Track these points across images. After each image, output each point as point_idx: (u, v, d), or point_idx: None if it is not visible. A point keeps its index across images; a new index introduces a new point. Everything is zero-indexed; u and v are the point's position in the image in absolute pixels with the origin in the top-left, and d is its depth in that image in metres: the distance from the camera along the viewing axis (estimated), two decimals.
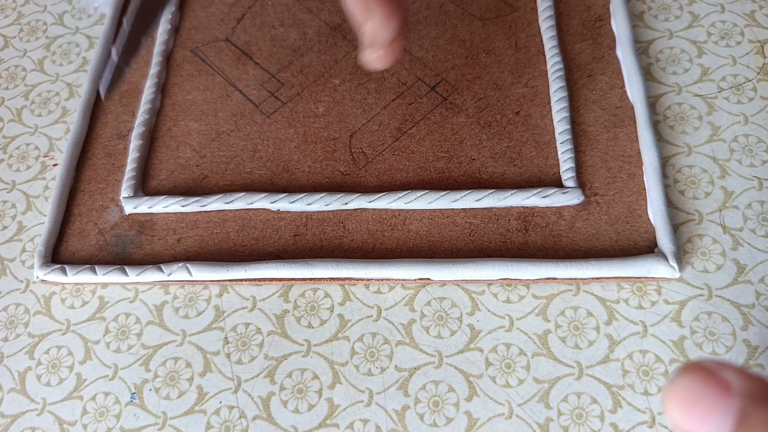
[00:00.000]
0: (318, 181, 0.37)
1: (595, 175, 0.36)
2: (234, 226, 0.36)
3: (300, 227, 0.36)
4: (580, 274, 0.32)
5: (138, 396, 0.33)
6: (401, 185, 0.37)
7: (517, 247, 0.34)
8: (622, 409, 0.30)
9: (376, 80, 0.40)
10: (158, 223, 0.37)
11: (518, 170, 0.36)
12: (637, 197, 0.35)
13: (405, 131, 0.38)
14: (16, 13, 0.48)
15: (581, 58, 0.40)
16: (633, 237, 0.34)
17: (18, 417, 0.33)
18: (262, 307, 0.35)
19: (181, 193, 0.38)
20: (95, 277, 0.35)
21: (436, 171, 0.37)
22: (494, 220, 0.35)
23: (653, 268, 0.32)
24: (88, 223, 0.37)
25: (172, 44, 0.43)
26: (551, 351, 0.32)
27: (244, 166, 0.38)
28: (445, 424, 0.31)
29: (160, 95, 0.41)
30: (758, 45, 0.39)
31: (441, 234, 0.35)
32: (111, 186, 0.39)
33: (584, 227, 0.34)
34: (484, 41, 0.41)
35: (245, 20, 0.44)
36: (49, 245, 0.36)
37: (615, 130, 0.37)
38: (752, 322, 0.32)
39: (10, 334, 0.35)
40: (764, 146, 0.36)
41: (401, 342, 0.33)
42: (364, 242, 0.35)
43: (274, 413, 0.32)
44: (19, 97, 0.44)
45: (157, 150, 0.39)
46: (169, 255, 0.36)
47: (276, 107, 0.40)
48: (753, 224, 0.34)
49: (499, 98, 0.39)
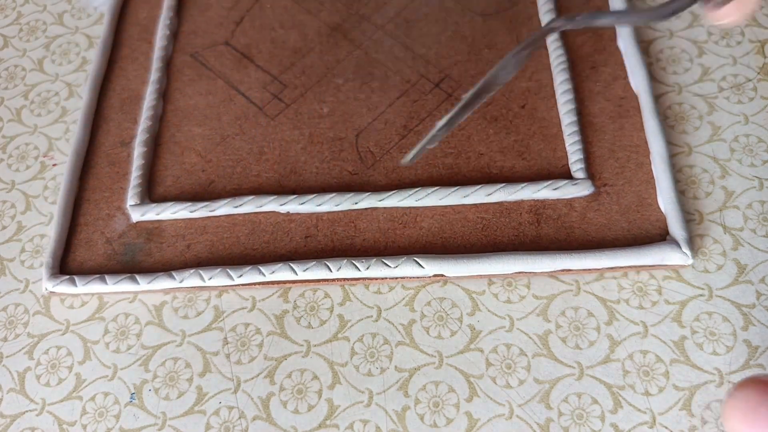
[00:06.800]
0: (326, 181, 0.37)
1: (603, 165, 0.36)
2: (244, 230, 0.36)
3: (311, 228, 0.36)
4: (595, 265, 0.32)
5: (137, 396, 0.33)
6: (410, 183, 0.37)
7: (530, 240, 0.34)
8: (623, 409, 0.30)
9: (380, 79, 0.40)
10: (166, 230, 0.36)
11: (527, 163, 0.36)
12: (647, 186, 0.35)
13: (411, 129, 0.38)
14: (15, 13, 0.48)
15: (583, 51, 0.40)
16: (644, 226, 0.34)
17: (17, 417, 0.33)
18: (262, 308, 0.34)
19: (189, 198, 0.37)
20: (105, 286, 0.34)
21: (444, 167, 0.37)
22: (506, 214, 0.35)
23: (666, 255, 0.32)
24: (95, 233, 0.37)
25: (171, 49, 0.43)
26: (552, 351, 0.32)
27: (251, 170, 0.38)
28: (446, 425, 0.31)
29: (161, 101, 0.41)
30: (758, 45, 0.39)
31: (453, 230, 0.35)
32: (116, 194, 0.38)
33: (596, 218, 0.34)
34: (486, 37, 0.41)
35: (244, 23, 0.44)
36: (56, 256, 0.36)
37: (621, 120, 0.37)
38: (753, 323, 0.32)
39: (10, 334, 0.35)
40: (765, 146, 0.36)
41: (401, 342, 0.33)
42: (376, 241, 0.35)
43: (273, 414, 0.32)
44: (19, 96, 0.44)
45: (161, 156, 0.39)
46: (180, 262, 0.35)
47: (280, 109, 0.40)
48: (753, 224, 0.34)
49: (503, 92, 0.39)
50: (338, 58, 0.42)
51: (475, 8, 0.42)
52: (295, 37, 0.43)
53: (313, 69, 0.41)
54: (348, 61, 0.41)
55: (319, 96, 0.40)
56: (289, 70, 0.42)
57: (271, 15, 0.44)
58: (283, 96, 0.41)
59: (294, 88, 0.41)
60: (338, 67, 0.41)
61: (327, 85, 0.41)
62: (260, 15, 0.44)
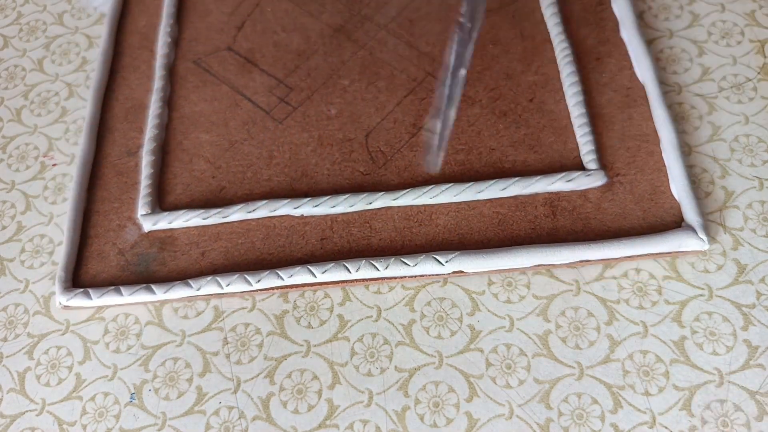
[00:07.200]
0: (338, 183, 0.37)
1: (615, 155, 0.36)
2: (258, 234, 0.36)
3: (326, 230, 0.35)
4: (613, 254, 0.33)
5: (137, 396, 0.33)
6: (423, 181, 0.36)
7: (547, 232, 0.34)
8: (623, 409, 0.30)
9: (386, 78, 0.40)
10: (179, 239, 0.36)
11: (539, 156, 0.36)
12: (659, 174, 0.35)
13: (421, 126, 0.38)
14: (15, 13, 0.47)
15: (587, 43, 0.40)
16: (659, 213, 0.34)
17: (17, 417, 0.33)
18: (262, 308, 0.34)
19: (200, 206, 0.37)
20: (121, 298, 0.34)
21: (457, 164, 0.37)
22: (521, 207, 0.35)
23: (683, 241, 0.32)
24: (106, 244, 0.36)
25: (173, 57, 0.43)
26: (552, 351, 0.32)
27: (262, 174, 0.38)
28: (446, 425, 0.31)
29: (167, 109, 0.41)
30: (758, 44, 0.39)
31: (470, 226, 0.35)
32: (126, 205, 0.38)
33: (610, 207, 0.34)
34: (489, 32, 0.41)
35: (246, 28, 0.44)
36: (68, 269, 0.35)
37: (629, 110, 0.37)
38: (753, 322, 0.32)
39: (10, 334, 0.35)
40: (765, 146, 0.36)
41: (401, 342, 0.33)
42: (392, 240, 0.35)
43: (273, 414, 0.32)
44: (19, 96, 0.43)
45: (170, 164, 0.39)
46: (195, 270, 0.35)
47: (287, 112, 0.40)
48: (753, 224, 0.34)
49: (511, 87, 0.39)
50: (343, 59, 0.41)
51: None
52: (298, 39, 0.43)
53: (318, 71, 0.41)
54: (353, 61, 0.41)
55: (326, 98, 0.40)
56: (294, 73, 0.41)
57: (272, 19, 0.44)
58: (290, 99, 0.40)
59: (300, 91, 0.41)
60: (343, 69, 0.41)
61: (333, 86, 0.40)
62: (261, 19, 0.44)
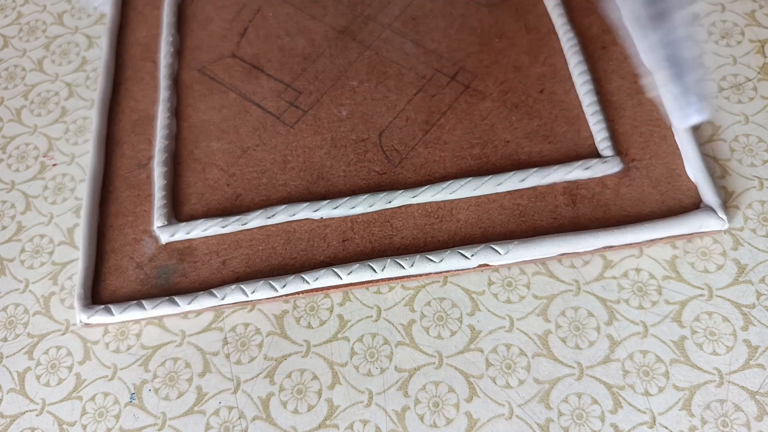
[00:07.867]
0: (355, 183, 0.37)
1: (629, 141, 0.36)
2: (279, 240, 0.35)
3: (347, 232, 0.35)
4: (636, 238, 0.33)
5: (137, 396, 0.33)
6: (441, 177, 0.36)
7: (569, 221, 0.34)
8: (623, 409, 0.30)
9: (394, 77, 0.40)
10: (198, 249, 0.36)
11: (554, 146, 0.37)
12: (673, 157, 0.36)
13: (434, 123, 0.38)
14: (15, 13, 0.47)
15: (592, 32, 0.40)
16: (677, 196, 0.34)
17: (17, 417, 0.32)
18: (262, 308, 0.34)
19: (216, 214, 0.37)
20: (144, 312, 0.33)
21: (473, 158, 0.37)
22: (541, 198, 0.35)
23: (704, 222, 0.33)
24: (123, 259, 0.36)
25: (177, 66, 0.42)
26: (552, 351, 0.32)
27: (277, 179, 0.37)
28: (445, 425, 0.31)
29: (175, 119, 0.40)
30: (758, 44, 0.40)
31: (491, 219, 0.35)
32: (140, 217, 0.37)
33: (629, 193, 0.35)
34: (494, 26, 0.41)
35: (249, 34, 0.43)
36: (86, 286, 0.35)
37: (638, 96, 0.38)
38: (753, 323, 0.32)
39: (10, 335, 0.35)
40: (765, 146, 0.36)
41: (401, 342, 0.33)
42: (415, 238, 0.35)
43: (273, 414, 0.32)
44: (19, 96, 0.43)
45: (183, 175, 0.38)
46: (217, 279, 0.35)
47: (298, 116, 0.40)
48: (753, 224, 0.34)
49: (520, 79, 0.39)
50: (350, 60, 0.41)
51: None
52: (303, 43, 0.42)
53: (326, 73, 0.41)
54: (360, 62, 0.41)
55: (336, 99, 0.40)
56: (302, 76, 0.41)
57: (274, 23, 0.44)
58: (299, 103, 0.40)
59: (309, 94, 0.40)
60: (351, 70, 0.41)
61: (342, 88, 0.40)
62: (264, 24, 0.44)
